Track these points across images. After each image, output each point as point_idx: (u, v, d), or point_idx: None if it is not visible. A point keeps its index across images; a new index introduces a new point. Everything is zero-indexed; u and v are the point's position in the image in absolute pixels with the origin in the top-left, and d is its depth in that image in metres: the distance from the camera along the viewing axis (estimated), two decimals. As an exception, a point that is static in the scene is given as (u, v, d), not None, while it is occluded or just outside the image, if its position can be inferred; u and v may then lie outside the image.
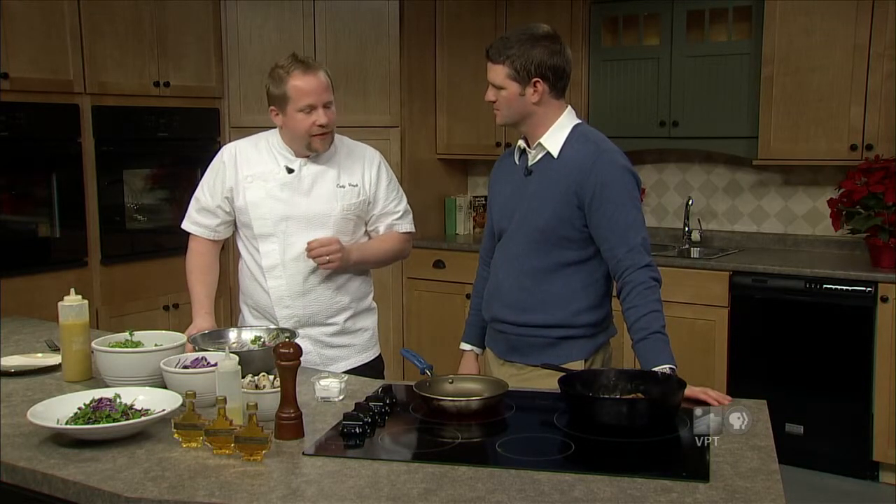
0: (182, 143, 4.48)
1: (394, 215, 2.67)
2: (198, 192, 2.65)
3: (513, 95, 2.25)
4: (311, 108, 2.43)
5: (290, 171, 2.53)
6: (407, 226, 2.71)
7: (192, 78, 4.49)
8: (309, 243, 2.47)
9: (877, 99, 3.98)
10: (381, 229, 2.66)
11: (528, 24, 2.31)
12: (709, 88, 4.40)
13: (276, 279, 2.54)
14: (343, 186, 2.55)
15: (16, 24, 3.71)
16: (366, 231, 2.67)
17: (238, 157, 2.58)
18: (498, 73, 2.25)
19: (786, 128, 4.20)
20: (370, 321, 2.71)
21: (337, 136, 2.60)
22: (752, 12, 4.28)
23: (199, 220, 2.64)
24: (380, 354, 2.75)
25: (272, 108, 2.49)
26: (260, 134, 2.62)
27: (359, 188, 2.57)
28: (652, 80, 4.55)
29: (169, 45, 4.35)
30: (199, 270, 2.64)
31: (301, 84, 2.42)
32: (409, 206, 2.73)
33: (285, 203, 2.51)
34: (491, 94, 2.30)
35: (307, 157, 2.53)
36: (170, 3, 4.34)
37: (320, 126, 2.45)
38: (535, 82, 2.23)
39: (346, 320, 2.61)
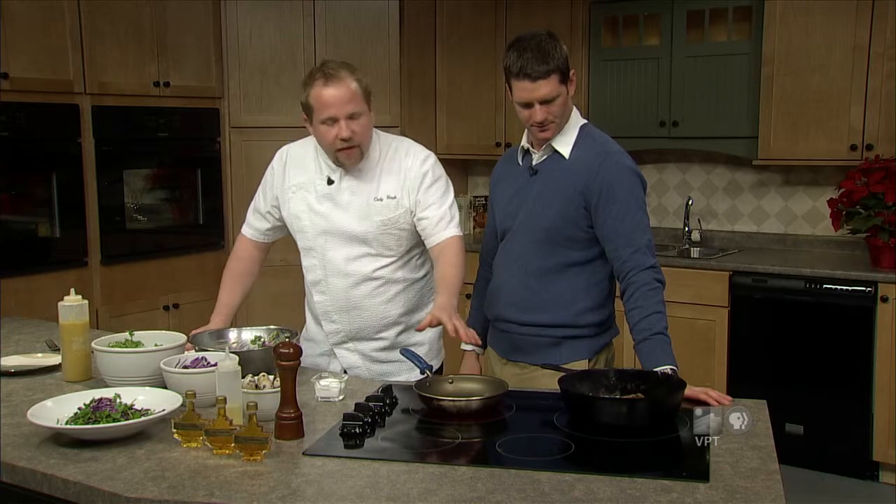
0: (182, 143, 4.47)
1: (435, 219, 2.37)
2: (255, 195, 2.60)
3: (566, 99, 2.23)
4: (333, 121, 2.27)
5: (331, 182, 2.41)
6: (449, 232, 2.38)
7: (192, 78, 4.49)
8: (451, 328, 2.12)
9: (877, 99, 3.98)
10: (433, 238, 2.38)
11: (524, 34, 2.22)
12: (709, 88, 4.40)
13: (321, 294, 2.46)
14: (381, 199, 2.37)
15: (16, 24, 3.71)
16: (419, 241, 2.47)
17: (288, 163, 2.49)
18: (549, 84, 2.16)
19: (786, 128, 4.20)
20: (428, 334, 2.49)
21: (387, 140, 2.45)
22: (752, 12, 4.28)
23: (252, 221, 2.61)
24: (440, 368, 2.54)
25: (304, 116, 2.36)
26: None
27: (397, 200, 2.37)
28: (652, 80, 4.55)
29: (169, 45, 4.34)
30: (232, 277, 2.60)
31: (321, 94, 2.26)
32: (452, 211, 2.42)
33: (324, 217, 2.40)
34: (540, 114, 2.19)
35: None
36: (170, 3, 4.33)
37: (343, 140, 2.28)
38: (572, 75, 2.23)
39: (397, 335, 2.47)
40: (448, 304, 2.19)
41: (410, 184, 2.39)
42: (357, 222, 2.38)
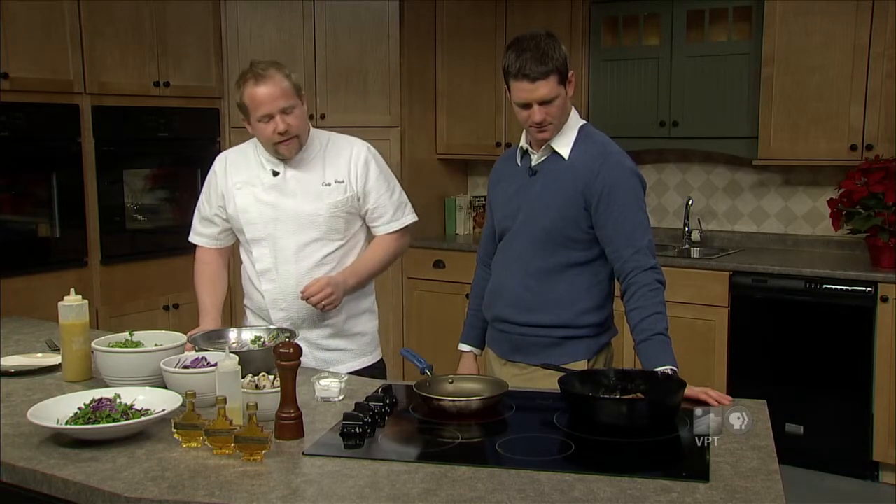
0: (182, 143, 4.48)
1: (389, 209, 2.59)
2: (199, 203, 2.68)
3: (565, 100, 2.23)
4: (269, 117, 2.40)
5: (276, 173, 2.52)
6: (405, 220, 2.63)
7: (192, 78, 4.49)
8: (302, 293, 2.42)
9: (877, 99, 3.98)
10: (381, 228, 2.61)
11: (523, 34, 2.22)
12: (709, 88, 4.40)
13: (270, 282, 2.54)
14: (329, 184, 2.51)
15: (16, 24, 3.71)
16: (364, 226, 2.63)
17: (228, 165, 2.60)
18: (548, 85, 2.16)
19: (786, 128, 4.20)
20: (369, 325, 2.67)
21: (323, 134, 2.59)
22: (752, 12, 4.28)
23: (200, 230, 2.69)
24: (381, 359, 2.71)
25: (242, 116, 2.49)
26: (251, 140, 2.61)
27: (345, 184, 2.52)
28: (652, 80, 4.55)
29: (169, 45, 4.34)
30: (206, 280, 2.67)
31: (254, 93, 2.39)
32: (404, 197, 2.65)
33: (272, 206, 2.51)
34: (539, 115, 2.19)
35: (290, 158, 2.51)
36: (170, 3, 4.34)
37: (280, 134, 2.41)
38: (571, 76, 2.23)
39: (343, 322, 2.58)
40: (341, 279, 2.46)
41: (357, 170, 2.53)
42: (307, 205, 2.50)
